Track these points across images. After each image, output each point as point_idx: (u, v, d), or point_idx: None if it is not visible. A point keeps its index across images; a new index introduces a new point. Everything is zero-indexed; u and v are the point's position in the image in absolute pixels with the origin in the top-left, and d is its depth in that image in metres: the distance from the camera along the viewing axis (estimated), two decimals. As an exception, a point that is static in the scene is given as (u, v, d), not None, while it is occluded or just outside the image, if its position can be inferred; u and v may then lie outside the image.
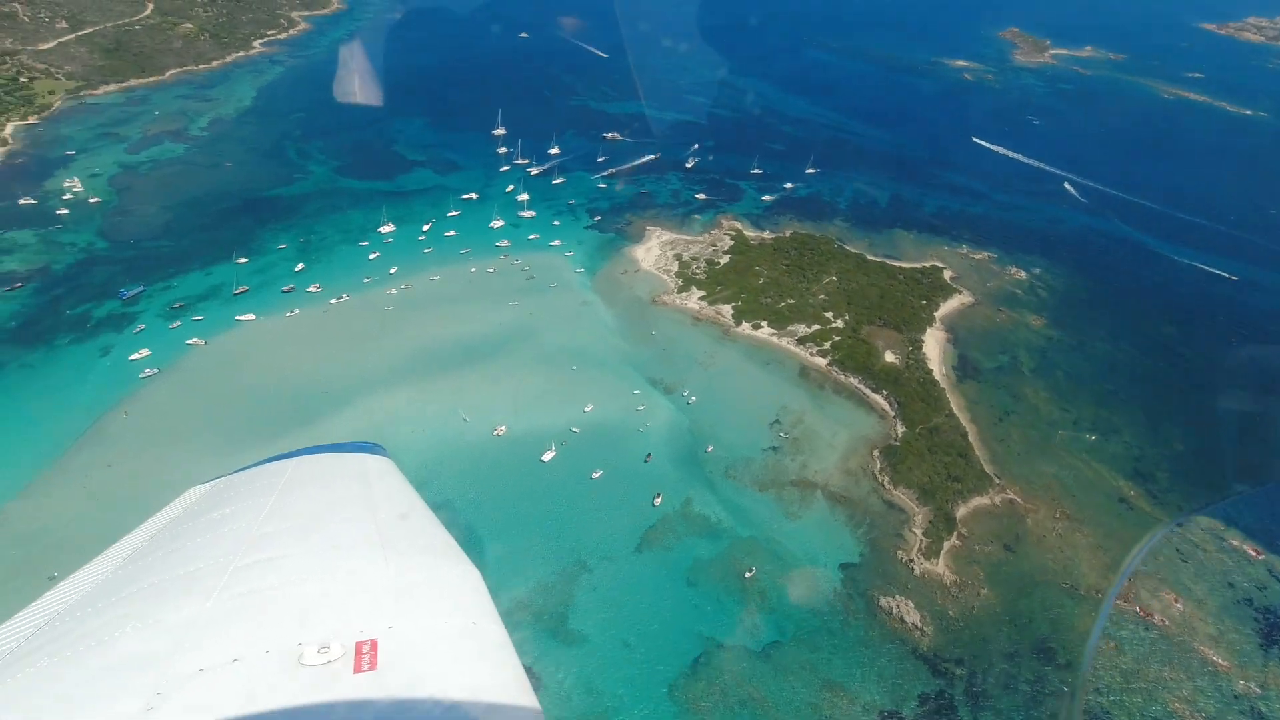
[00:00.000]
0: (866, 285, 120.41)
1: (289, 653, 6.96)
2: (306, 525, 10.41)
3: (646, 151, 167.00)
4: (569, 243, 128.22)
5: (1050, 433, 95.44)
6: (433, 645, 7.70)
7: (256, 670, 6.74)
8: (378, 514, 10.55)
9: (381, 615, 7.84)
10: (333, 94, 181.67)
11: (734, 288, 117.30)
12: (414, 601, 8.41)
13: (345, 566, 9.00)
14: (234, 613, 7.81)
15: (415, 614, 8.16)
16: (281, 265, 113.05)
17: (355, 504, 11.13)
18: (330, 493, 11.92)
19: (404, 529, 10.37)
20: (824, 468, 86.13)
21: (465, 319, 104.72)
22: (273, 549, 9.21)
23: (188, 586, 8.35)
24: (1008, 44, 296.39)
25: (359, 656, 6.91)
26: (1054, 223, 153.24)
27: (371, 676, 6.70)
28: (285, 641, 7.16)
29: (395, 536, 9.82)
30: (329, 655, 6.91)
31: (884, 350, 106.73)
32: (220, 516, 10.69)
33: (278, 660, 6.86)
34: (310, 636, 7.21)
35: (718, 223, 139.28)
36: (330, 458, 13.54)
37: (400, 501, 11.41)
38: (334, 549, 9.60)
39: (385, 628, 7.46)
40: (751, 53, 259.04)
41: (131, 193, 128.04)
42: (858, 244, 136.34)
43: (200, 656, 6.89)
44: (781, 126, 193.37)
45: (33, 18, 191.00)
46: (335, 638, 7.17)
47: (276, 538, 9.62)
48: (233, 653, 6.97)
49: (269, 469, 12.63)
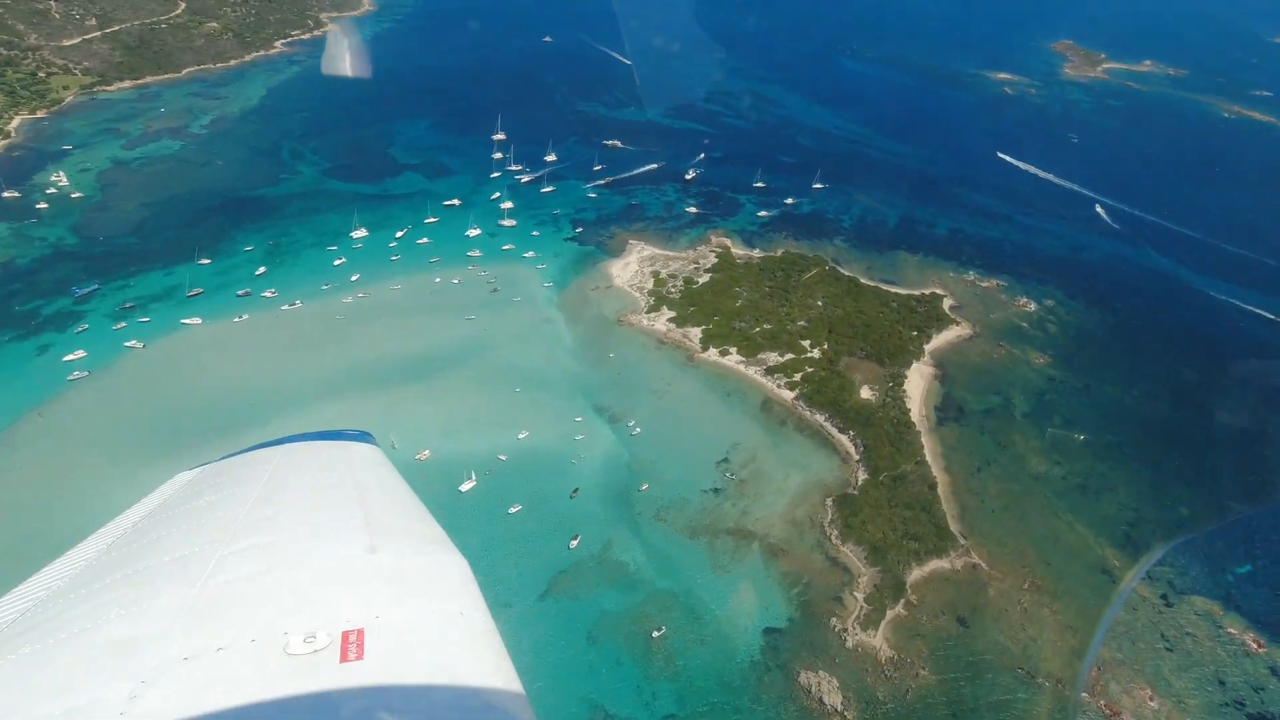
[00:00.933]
0: (854, 312, 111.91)
1: (275, 641, 6.74)
2: (294, 513, 10.18)
3: (648, 161, 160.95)
4: (544, 255, 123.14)
5: (1033, 487, 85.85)
6: (420, 634, 7.35)
7: (242, 659, 6.53)
8: (366, 502, 10.33)
9: (368, 604, 7.54)
10: (342, 94, 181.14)
11: (707, 310, 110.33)
12: (401, 590, 8.15)
13: (333, 554, 8.78)
14: (220, 600, 7.57)
15: (402, 603, 7.86)
16: (244, 268, 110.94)
17: (343, 492, 10.93)
18: (318, 480, 11.68)
19: (392, 518, 10.13)
20: (767, 515, 78.66)
21: (416, 332, 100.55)
22: (259, 536, 9.02)
23: (173, 573, 8.17)
24: (1058, 57, 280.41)
25: (345, 646, 6.70)
26: (1077, 250, 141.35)
27: (358, 666, 6.47)
28: (271, 630, 6.91)
29: (383, 525, 9.59)
30: (315, 644, 6.69)
31: (860, 385, 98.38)
32: (206, 503, 10.49)
33: (263, 649, 6.64)
34: (296, 625, 6.97)
35: (706, 239, 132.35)
36: (318, 445, 13.07)
37: (389, 490, 11.25)
38: (321, 537, 9.38)
39: (372, 617, 7.22)
40: (780, 60, 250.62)
41: (116, 189, 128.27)
42: (854, 266, 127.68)
43: (185, 644, 6.72)
44: (798, 138, 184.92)
45: (64, 15, 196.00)
46: (322, 627, 6.94)
47: (263, 525, 9.43)
48: (218, 641, 6.77)
49: (256, 455, 12.36)
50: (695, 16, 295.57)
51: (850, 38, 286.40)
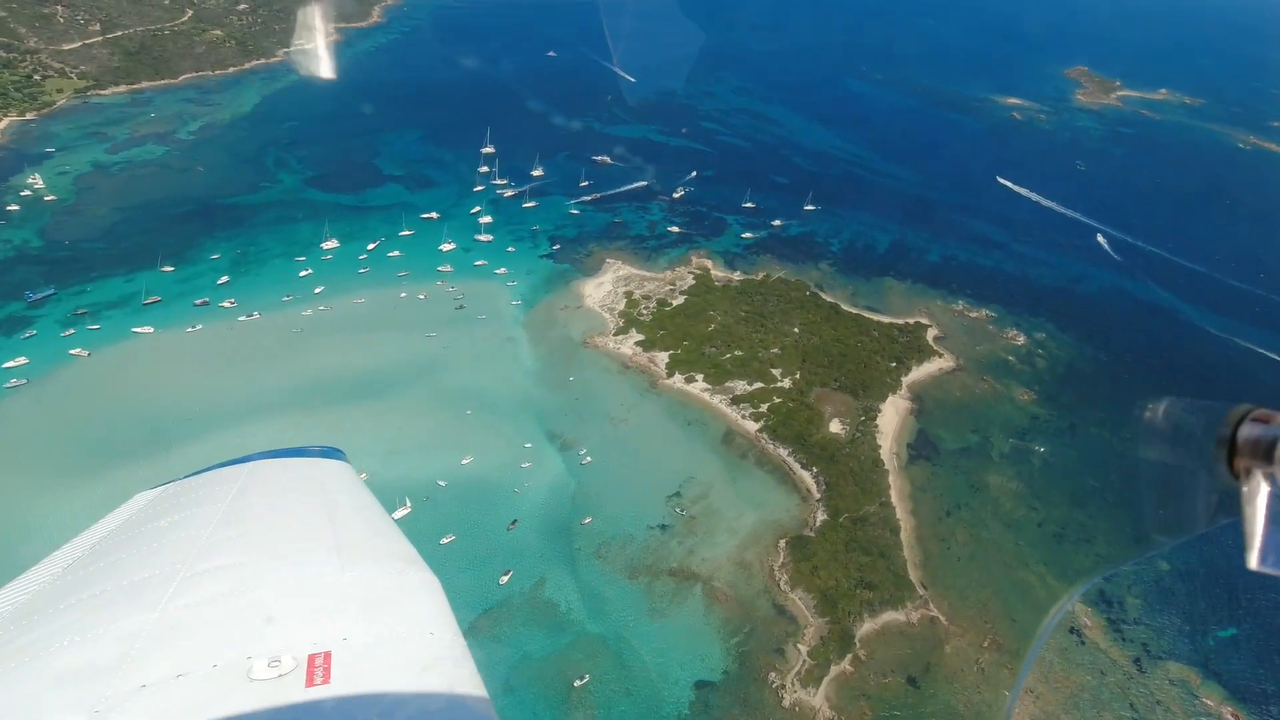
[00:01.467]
0: (831, 340, 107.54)
1: (238, 666, 6.50)
2: (260, 532, 9.69)
3: (638, 178, 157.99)
4: (516, 271, 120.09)
5: (1005, 534, 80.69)
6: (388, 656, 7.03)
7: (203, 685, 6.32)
8: (335, 520, 9.88)
9: (336, 626, 7.26)
10: (335, 105, 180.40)
11: (678, 334, 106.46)
12: (370, 611, 7.77)
13: (299, 575, 8.43)
14: (181, 625, 7.21)
15: (371, 624, 7.49)
16: (207, 276, 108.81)
17: (311, 510, 10.46)
18: (286, 498, 11.17)
19: (361, 536, 9.71)
20: (714, 556, 74.23)
21: (373, 348, 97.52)
22: (223, 557, 8.59)
23: (132, 597, 7.72)
24: (1071, 83, 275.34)
25: (311, 669, 6.47)
26: (1074, 281, 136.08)
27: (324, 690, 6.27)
28: (234, 655, 6.66)
29: (352, 544, 9.20)
30: (280, 669, 6.43)
31: (830, 418, 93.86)
32: (169, 524, 9.93)
33: (226, 674, 6.42)
34: (261, 649, 6.73)
35: (686, 259, 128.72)
36: (287, 462, 12.36)
37: (358, 508, 10.75)
38: (288, 557, 8.96)
39: (340, 639, 6.99)
40: (787, 81, 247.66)
41: (91, 193, 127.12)
42: (838, 292, 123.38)
43: (143, 671, 6.40)
44: (794, 159, 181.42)
45: (69, 19, 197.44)
46: (287, 650, 6.68)
47: (228, 545, 8.96)
48: (178, 667, 6.49)
49: (222, 474, 11.64)
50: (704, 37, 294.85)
51: (860, 60, 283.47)
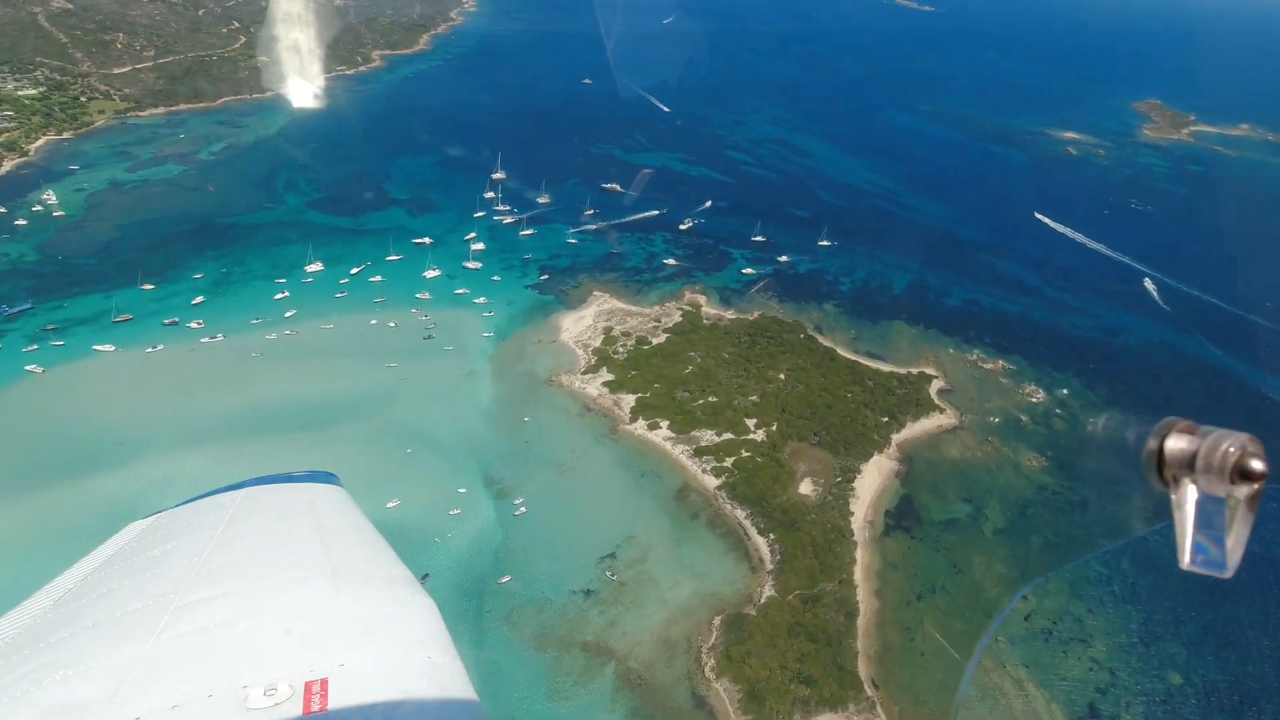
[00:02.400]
0: (818, 389, 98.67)
1: (233, 696, 6.46)
2: (254, 560, 9.64)
3: (648, 208, 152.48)
4: (497, 301, 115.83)
5: (984, 627, 70.11)
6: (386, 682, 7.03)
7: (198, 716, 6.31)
8: (330, 546, 9.78)
9: (333, 652, 7.22)
10: (358, 128, 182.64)
11: (650, 375, 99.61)
12: (367, 637, 7.77)
13: (295, 602, 8.31)
14: (174, 655, 7.16)
15: (368, 650, 7.51)
16: (184, 295, 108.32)
17: (306, 536, 10.31)
18: (280, 525, 10.97)
19: (357, 561, 9.69)
20: (637, 630, 66.51)
21: (327, 377, 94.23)
22: (217, 586, 8.54)
23: (124, 628, 7.67)
24: (1139, 117, 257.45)
25: (308, 696, 6.45)
26: (1112, 333, 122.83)
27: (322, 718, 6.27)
28: (229, 684, 6.62)
29: (348, 569, 9.19)
30: (276, 697, 6.41)
31: (801, 477, 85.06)
32: (161, 553, 9.79)
33: (221, 705, 6.40)
34: (256, 678, 6.68)
35: (679, 294, 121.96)
36: (280, 488, 12.23)
37: (354, 533, 10.72)
38: (283, 584, 8.87)
39: (337, 665, 6.95)
40: (825, 111, 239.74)
41: (99, 210, 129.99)
42: (838, 336, 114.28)
43: (137, 703, 6.37)
44: (819, 191, 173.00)
45: (126, 45, 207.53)
46: (283, 678, 6.67)
47: (221, 574, 8.92)
48: (172, 698, 6.44)
49: (214, 501, 11.40)
50: (746, 67, 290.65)
51: (909, 92, 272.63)
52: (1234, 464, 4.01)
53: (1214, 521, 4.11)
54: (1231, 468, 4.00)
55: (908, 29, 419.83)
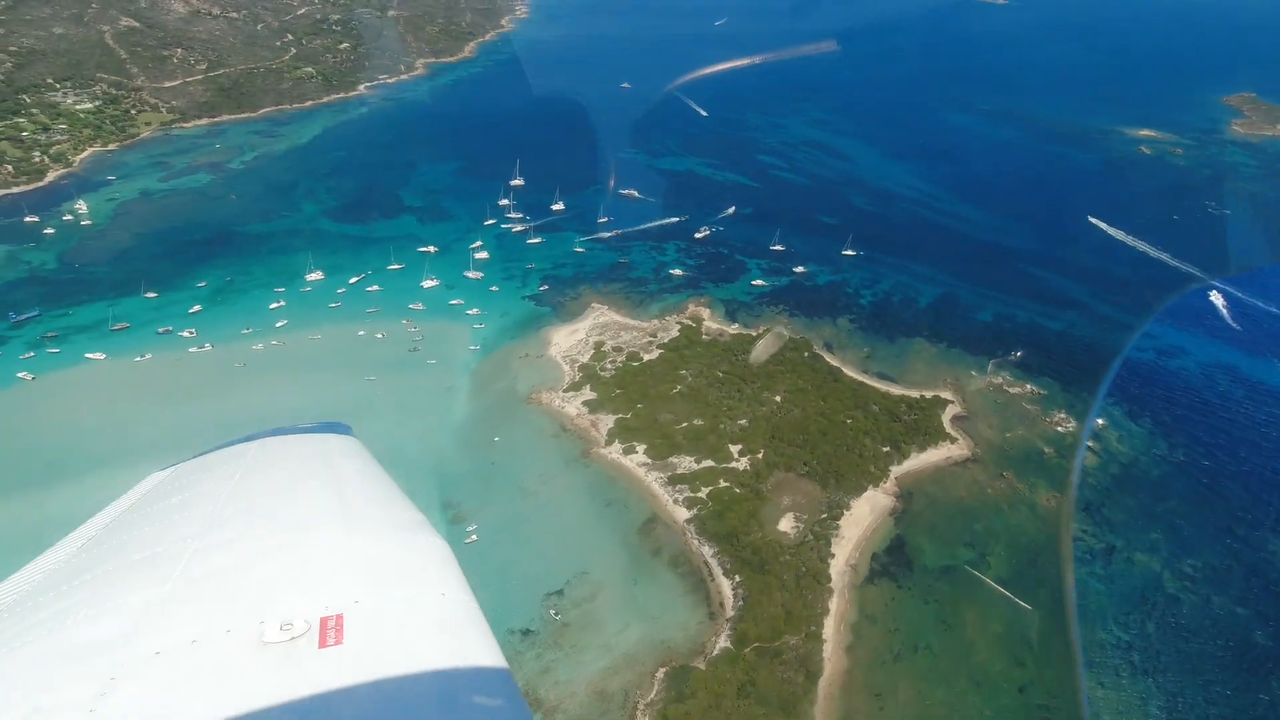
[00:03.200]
0: (815, 413, 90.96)
1: (250, 631, 6.68)
2: (269, 505, 9.99)
3: (666, 214, 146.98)
4: (491, 313, 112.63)
5: (969, 696, 61.51)
6: (400, 617, 7.25)
7: (216, 650, 6.47)
8: (342, 491, 10.11)
9: (347, 590, 7.41)
10: (387, 135, 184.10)
11: (635, 394, 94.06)
12: (380, 575, 8.02)
13: (309, 543, 8.60)
14: (193, 595, 7.45)
15: (382, 587, 7.74)
16: (184, 304, 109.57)
17: (320, 482, 10.63)
18: (294, 472, 11.29)
19: (369, 504, 9.94)
20: (572, 679, 61.19)
21: (304, 390, 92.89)
22: (233, 530, 8.90)
23: (144, 571, 8.02)
24: (1229, 112, 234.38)
25: (324, 631, 6.64)
26: (1167, 354, 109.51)
27: (337, 651, 6.43)
28: (246, 620, 6.84)
29: (360, 512, 9.47)
30: (292, 632, 6.60)
31: (782, 512, 77.92)
32: (179, 501, 10.17)
33: (239, 639, 6.59)
34: (273, 614, 6.88)
35: (683, 307, 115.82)
36: (294, 438, 12.65)
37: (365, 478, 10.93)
38: (298, 527, 9.14)
39: (351, 602, 7.13)
40: (874, 112, 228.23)
41: (124, 219, 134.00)
42: (848, 354, 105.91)
43: (157, 639, 6.59)
44: (852, 197, 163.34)
45: (181, 60, 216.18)
46: (299, 614, 6.85)
47: (237, 519, 9.29)
48: (191, 634, 6.66)
49: (230, 452, 12.00)
50: (792, 68, 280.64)
51: (969, 89, 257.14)
52: None
53: None
54: None
55: (978, 24, 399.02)
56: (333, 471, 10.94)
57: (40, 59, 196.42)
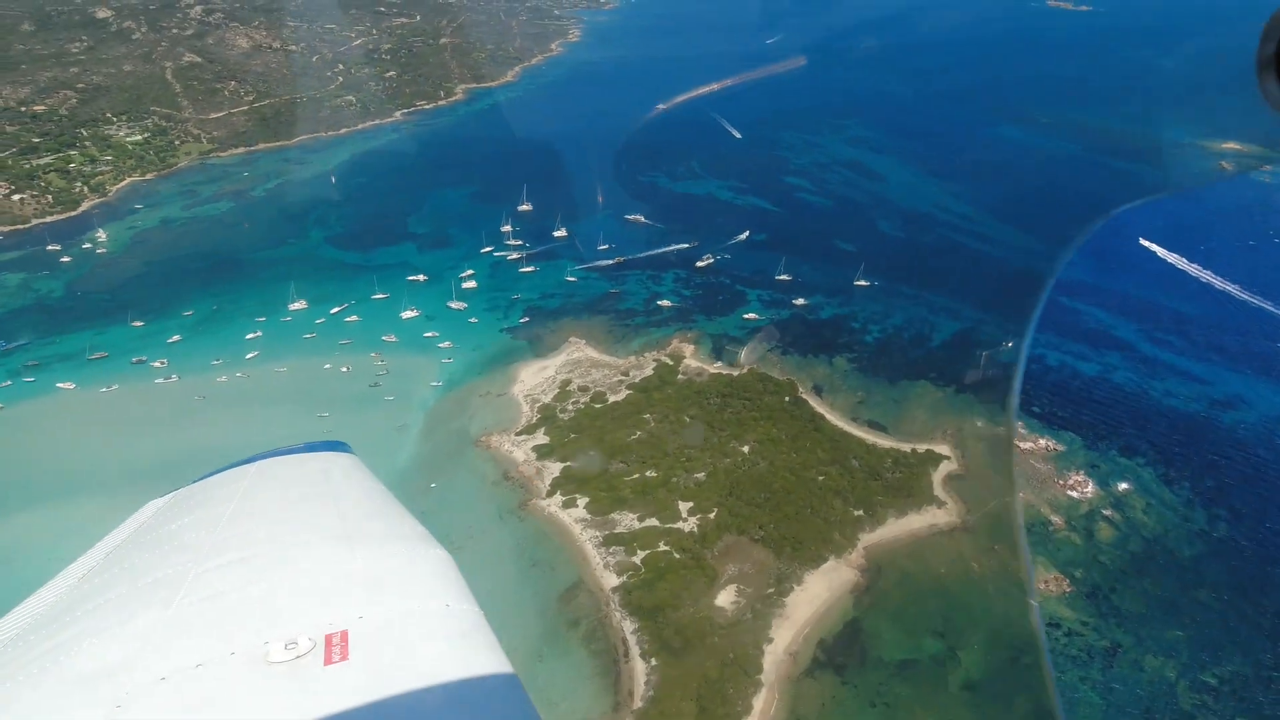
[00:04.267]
0: (783, 467, 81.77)
1: (255, 652, 6.64)
2: (270, 525, 9.97)
3: (672, 241, 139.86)
4: (463, 346, 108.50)
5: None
6: (406, 631, 7.23)
7: (221, 672, 6.46)
8: (342, 507, 10.22)
9: (351, 605, 7.35)
10: (409, 161, 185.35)
11: (591, 439, 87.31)
12: (384, 589, 7.93)
13: (311, 561, 8.58)
14: (196, 618, 7.38)
15: (386, 601, 7.66)
16: (168, 333, 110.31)
17: (320, 500, 10.70)
18: (293, 491, 11.25)
19: (370, 519, 10.02)
20: (442, 775, 54.42)
21: (254, 426, 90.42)
22: (235, 552, 8.82)
23: (147, 597, 7.92)
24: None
25: (329, 648, 6.61)
26: (1223, 405, 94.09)
27: (343, 667, 6.41)
28: (251, 641, 6.81)
29: (361, 527, 9.52)
30: (297, 650, 6.55)
31: (724, 584, 69.39)
32: (179, 526, 10.13)
33: (243, 660, 6.57)
34: (277, 634, 6.82)
35: (666, 343, 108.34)
36: (293, 458, 12.46)
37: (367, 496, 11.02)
38: (299, 545, 9.14)
39: (356, 617, 7.09)
40: (920, 128, 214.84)
41: (138, 247, 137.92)
42: (839, 399, 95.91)
43: (162, 665, 6.56)
44: (878, 221, 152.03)
45: (233, 92, 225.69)
46: (303, 632, 6.79)
47: (239, 541, 9.20)
48: (196, 658, 6.64)
49: (229, 475, 11.77)
50: (839, 83, 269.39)
51: (1032, 100, 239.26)
52: None
53: None
54: None
55: (1052, 31, 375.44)
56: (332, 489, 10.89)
57: (104, 95, 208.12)
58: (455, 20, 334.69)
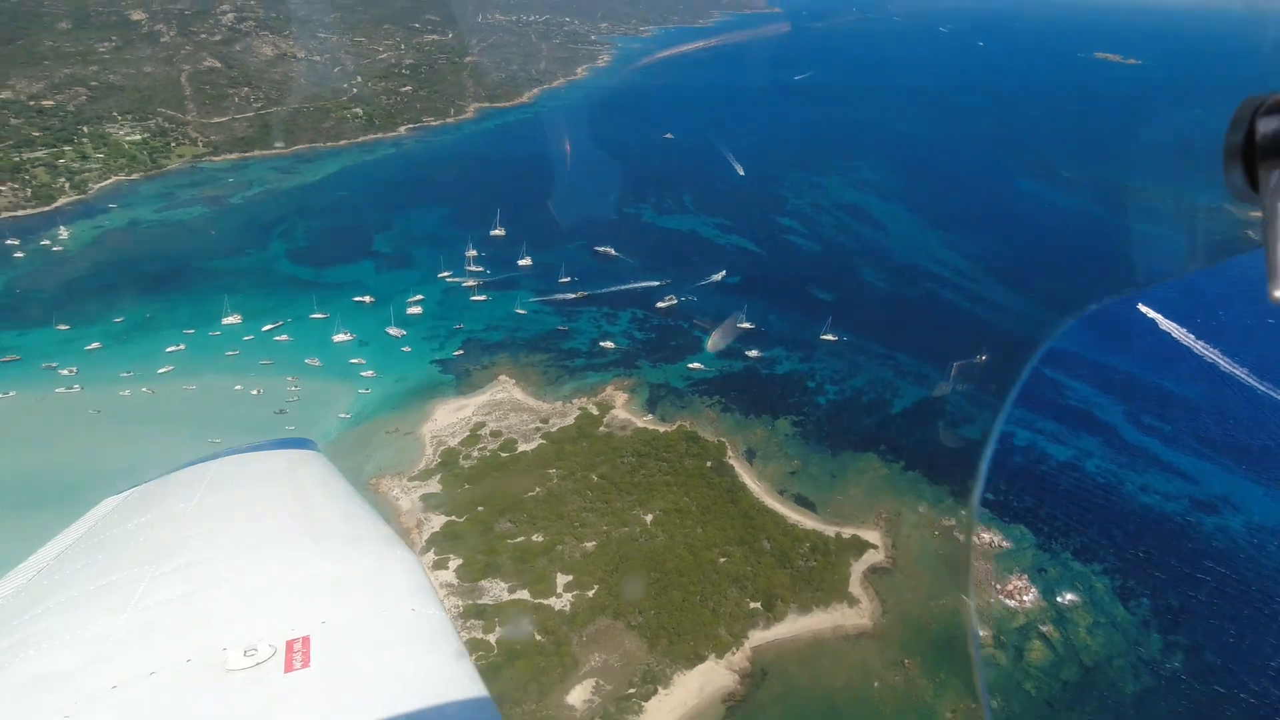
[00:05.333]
0: (684, 543, 73.20)
1: (213, 659, 6.42)
2: (231, 526, 9.53)
3: (640, 278, 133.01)
4: (386, 377, 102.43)
5: None
6: (370, 636, 6.99)
7: (177, 680, 6.23)
8: (307, 507, 9.80)
9: (313, 610, 7.09)
10: (398, 177, 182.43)
11: (483, 492, 79.93)
12: (349, 593, 7.66)
13: (273, 563, 8.29)
14: (151, 623, 7.04)
15: (350, 605, 7.42)
16: (91, 339, 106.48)
17: (283, 500, 10.23)
18: (256, 490, 10.82)
19: (335, 520, 9.56)
20: None
21: (136, 447, 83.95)
22: (194, 553, 8.47)
23: (101, 600, 7.64)
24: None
25: (290, 655, 6.39)
26: (1204, 509, 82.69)
27: (304, 675, 6.20)
28: (208, 648, 6.56)
29: (326, 528, 9.17)
30: (256, 657, 6.35)
31: (582, 677, 60.94)
32: (135, 526, 9.70)
33: (200, 668, 6.36)
34: (236, 640, 6.58)
35: (600, 389, 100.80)
36: (256, 455, 12.04)
37: (331, 493, 10.46)
38: (261, 547, 8.83)
39: (318, 623, 6.82)
40: (930, 173, 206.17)
41: (95, 248, 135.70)
42: (771, 467, 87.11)
43: (114, 672, 6.32)
44: (865, 271, 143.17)
45: (243, 98, 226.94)
46: (263, 638, 6.55)
47: (198, 541, 8.83)
48: (150, 665, 6.38)
49: (189, 472, 11.27)
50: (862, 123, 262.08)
51: (1060, 153, 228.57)
52: None
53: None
54: None
55: (1097, 84, 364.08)
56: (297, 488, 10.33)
57: (116, 94, 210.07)
58: (486, 40, 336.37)
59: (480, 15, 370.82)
